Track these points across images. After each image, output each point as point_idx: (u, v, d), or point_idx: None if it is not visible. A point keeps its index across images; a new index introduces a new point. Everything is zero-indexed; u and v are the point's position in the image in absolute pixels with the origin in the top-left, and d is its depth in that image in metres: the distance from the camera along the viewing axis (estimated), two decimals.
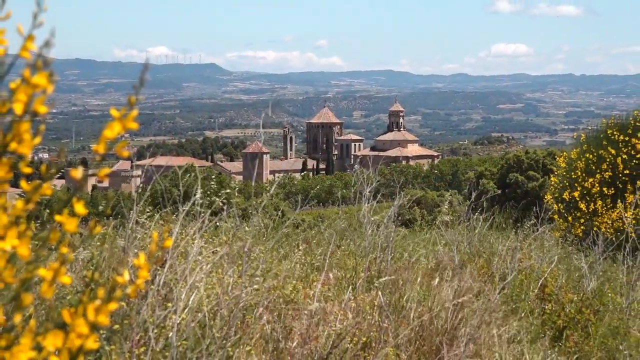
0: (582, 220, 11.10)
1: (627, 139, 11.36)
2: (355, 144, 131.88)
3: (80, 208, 1.30)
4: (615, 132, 11.56)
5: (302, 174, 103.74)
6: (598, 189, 11.14)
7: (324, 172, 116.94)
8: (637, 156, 11.19)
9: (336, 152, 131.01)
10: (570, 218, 11.36)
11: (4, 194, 1.30)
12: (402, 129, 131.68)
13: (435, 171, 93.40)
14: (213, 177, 5.30)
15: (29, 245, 1.27)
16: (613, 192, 10.96)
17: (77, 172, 1.35)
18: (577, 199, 11.29)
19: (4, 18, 1.31)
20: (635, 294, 6.71)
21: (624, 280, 7.06)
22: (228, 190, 5.36)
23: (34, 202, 1.30)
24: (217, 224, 5.47)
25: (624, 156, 11.24)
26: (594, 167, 11.45)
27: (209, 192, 4.92)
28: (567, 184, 11.85)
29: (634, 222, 8.69)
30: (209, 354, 3.53)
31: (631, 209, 9.39)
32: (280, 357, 3.94)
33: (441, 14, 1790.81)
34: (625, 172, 11.18)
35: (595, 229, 9.78)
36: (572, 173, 11.73)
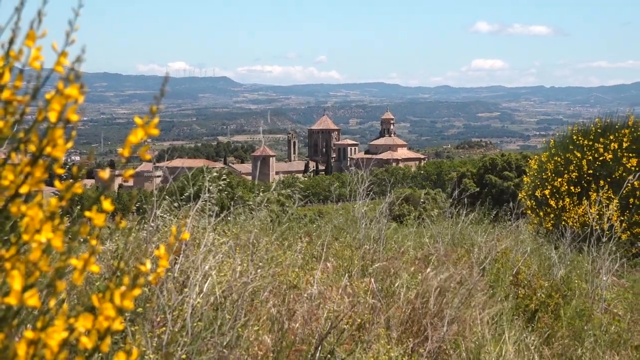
0: (552, 215, 11.11)
1: (590, 143, 11.38)
2: (351, 148, 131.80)
3: (107, 205, 1.30)
4: (580, 138, 11.58)
5: (304, 174, 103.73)
6: (566, 187, 11.15)
7: (323, 172, 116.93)
8: (600, 159, 11.21)
9: (334, 155, 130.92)
10: (541, 213, 11.37)
11: (40, 192, 1.30)
12: (392, 135, 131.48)
13: (422, 172, 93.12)
14: (218, 175, 5.27)
15: (62, 237, 1.27)
16: (579, 190, 10.97)
17: (105, 173, 1.35)
18: (548, 196, 11.30)
19: (40, 36, 1.31)
20: (599, 280, 6.71)
21: (589, 269, 7.06)
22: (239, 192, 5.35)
23: (66, 200, 1.30)
24: (229, 217, 5.47)
25: (589, 158, 11.26)
26: (562, 169, 11.47)
27: (220, 190, 4.92)
28: (538, 183, 11.86)
29: (597, 217, 8.69)
30: (221, 333, 3.52)
31: (595, 206, 9.40)
32: (285, 336, 3.94)
33: (427, 33, 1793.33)
34: (589, 172, 11.19)
35: (563, 223, 9.78)
36: (543, 174, 11.75)
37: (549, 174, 11.53)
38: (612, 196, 10.00)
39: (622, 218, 10.31)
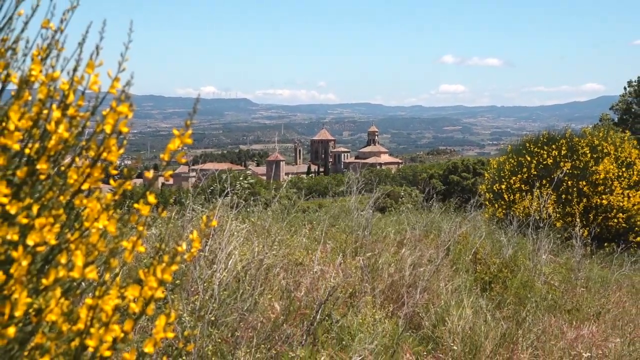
0: (504, 206, 11.07)
1: (538, 150, 11.37)
2: (344, 154, 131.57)
3: (152, 199, 1.30)
4: (531, 145, 11.58)
5: (308, 175, 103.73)
6: (519, 185, 11.13)
7: (322, 173, 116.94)
8: (543, 162, 11.20)
9: (331, 160, 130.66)
10: (496, 205, 11.33)
11: (98, 189, 1.30)
12: (377, 144, 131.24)
13: (400, 173, 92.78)
14: (244, 177, 5.27)
15: (116, 224, 1.27)
16: (528, 188, 10.94)
17: (150, 174, 1.35)
18: (503, 190, 11.27)
19: (97, 65, 1.31)
20: (539, 258, 6.70)
21: (530, 249, 7.06)
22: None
23: (119, 195, 1.29)
24: (247, 209, 5.45)
25: (535, 161, 11.27)
26: (516, 170, 11.46)
27: (242, 188, 4.90)
28: (496, 179, 11.82)
29: (537, 208, 8.68)
30: (242, 300, 3.52)
31: (536, 200, 9.41)
32: (292, 302, 3.93)
33: (404, 63, 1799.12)
34: (534, 173, 11.18)
35: (512, 212, 9.77)
36: (501, 172, 11.71)
37: (506, 173, 11.51)
38: (551, 192, 10.00)
39: (558, 210, 10.31)
